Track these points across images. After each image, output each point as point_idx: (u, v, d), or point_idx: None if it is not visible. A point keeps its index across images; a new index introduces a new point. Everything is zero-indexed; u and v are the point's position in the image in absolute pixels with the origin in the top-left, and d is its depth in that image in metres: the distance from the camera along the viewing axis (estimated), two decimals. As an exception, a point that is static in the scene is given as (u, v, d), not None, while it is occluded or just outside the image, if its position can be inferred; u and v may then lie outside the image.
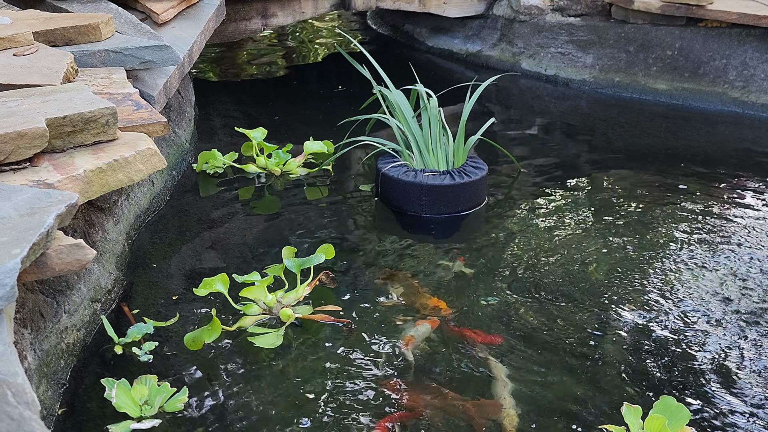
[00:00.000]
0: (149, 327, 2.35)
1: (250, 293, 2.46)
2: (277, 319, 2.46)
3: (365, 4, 5.34)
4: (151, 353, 2.27)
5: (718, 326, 2.49)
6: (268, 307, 2.47)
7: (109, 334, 2.28)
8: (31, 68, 2.58)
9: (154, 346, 2.29)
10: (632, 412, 1.99)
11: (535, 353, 2.34)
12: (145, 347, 2.28)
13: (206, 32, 3.91)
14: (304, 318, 2.47)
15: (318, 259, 2.63)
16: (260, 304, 2.48)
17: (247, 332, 2.38)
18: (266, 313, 2.48)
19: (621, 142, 4.34)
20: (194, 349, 2.28)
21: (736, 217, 3.30)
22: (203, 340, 2.28)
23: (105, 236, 2.62)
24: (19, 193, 1.80)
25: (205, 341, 2.29)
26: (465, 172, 3.27)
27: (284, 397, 2.12)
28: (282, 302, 2.50)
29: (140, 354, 2.26)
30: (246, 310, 2.47)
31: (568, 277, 2.78)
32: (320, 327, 2.45)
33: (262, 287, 2.47)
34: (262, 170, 3.63)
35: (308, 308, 2.51)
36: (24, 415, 1.18)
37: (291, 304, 2.51)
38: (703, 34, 4.91)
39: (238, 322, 2.42)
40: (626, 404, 2.01)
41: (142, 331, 2.33)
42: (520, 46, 5.51)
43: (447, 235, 3.14)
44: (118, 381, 2.05)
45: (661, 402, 1.98)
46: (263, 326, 2.43)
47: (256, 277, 2.54)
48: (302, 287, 2.57)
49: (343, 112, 4.15)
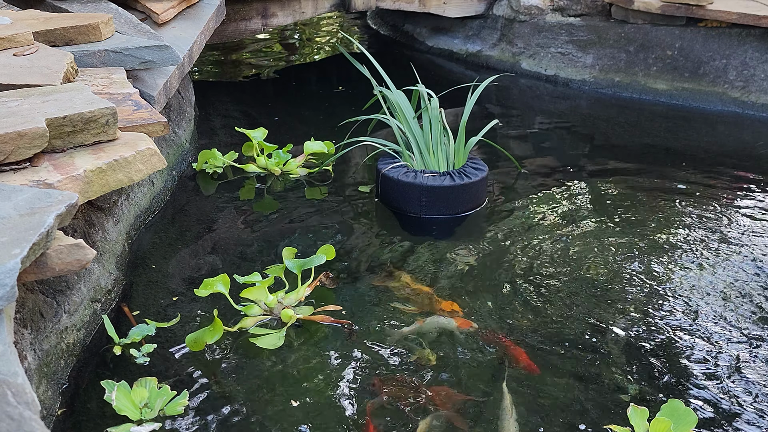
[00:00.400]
0: (151, 328, 2.35)
1: (251, 294, 2.46)
2: (278, 320, 2.46)
3: (365, 4, 5.34)
4: (152, 354, 2.27)
5: (720, 327, 2.49)
6: (269, 308, 2.47)
7: (110, 334, 2.28)
8: (31, 68, 2.58)
9: (153, 348, 2.29)
10: (638, 414, 1.98)
11: (536, 354, 2.33)
12: (143, 349, 2.28)
13: (206, 32, 3.91)
14: (305, 319, 2.47)
15: (319, 260, 2.62)
16: (261, 304, 2.47)
17: (249, 333, 2.38)
18: (267, 313, 2.47)
19: (621, 142, 4.33)
20: (196, 350, 2.28)
21: (736, 217, 3.30)
22: (205, 340, 2.28)
23: (105, 236, 2.62)
24: (19, 193, 1.80)
25: (207, 342, 2.28)
26: (465, 173, 3.26)
27: (285, 399, 2.12)
28: (283, 303, 2.50)
29: (137, 356, 2.25)
30: (247, 311, 2.46)
31: (569, 278, 2.78)
32: (321, 328, 2.45)
33: (263, 288, 2.46)
34: (262, 170, 3.63)
35: (309, 309, 2.51)
36: (24, 415, 1.18)
37: (292, 304, 2.50)
38: (703, 34, 4.91)
39: (239, 323, 2.42)
40: (633, 405, 2.01)
41: (143, 333, 2.32)
42: (520, 46, 5.51)
43: (446, 236, 3.13)
44: (119, 383, 2.04)
45: (668, 405, 1.97)
46: (264, 327, 2.43)
47: (257, 278, 2.54)
48: (303, 288, 2.57)
49: (343, 112, 4.16)
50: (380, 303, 2.59)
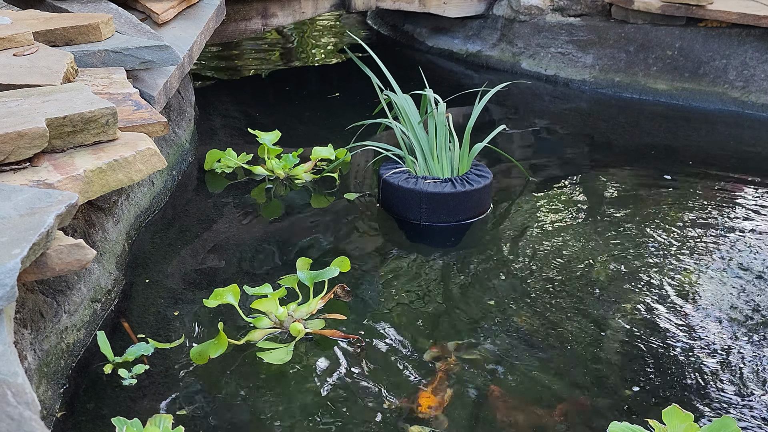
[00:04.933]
0: (149, 348, 2.27)
1: (261, 306, 2.38)
2: (287, 334, 2.38)
3: (365, 4, 5.34)
4: (150, 371, 2.18)
5: (721, 327, 2.49)
6: (280, 321, 2.40)
7: (103, 351, 2.20)
8: (31, 68, 2.58)
9: (144, 369, 2.19)
10: (677, 416, 1.91)
11: (541, 366, 2.33)
12: (134, 370, 2.18)
13: (206, 32, 3.91)
14: (315, 332, 2.38)
15: (332, 272, 2.55)
16: (271, 317, 2.40)
17: (256, 347, 2.31)
18: (277, 326, 2.40)
19: (621, 142, 4.33)
20: (199, 363, 2.22)
21: (737, 217, 3.30)
22: (209, 354, 2.21)
23: (105, 236, 2.62)
24: (19, 193, 1.80)
25: (211, 356, 2.21)
26: (468, 179, 3.19)
27: (290, 419, 2.06)
28: (294, 316, 2.42)
29: (126, 377, 2.16)
30: (256, 323, 2.38)
31: (574, 289, 2.77)
32: (331, 343, 2.36)
33: (273, 300, 2.39)
34: (269, 173, 3.62)
35: (320, 322, 2.42)
36: (24, 415, 1.18)
37: (303, 317, 2.42)
38: (703, 34, 4.91)
39: (246, 336, 2.34)
40: (674, 406, 1.94)
41: (139, 352, 2.24)
42: (520, 46, 5.51)
43: (445, 245, 3.06)
44: (131, 421, 1.93)
45: (720, 421, 1.90)
46: (273, 340, 2.35)
47: (268, 289, 2.47)
48: (315, 301, 2.49)
49: (344, 112, 4.16)
50: (390, 318, 2.52)
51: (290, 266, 2.79)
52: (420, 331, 2.45)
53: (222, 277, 2.74)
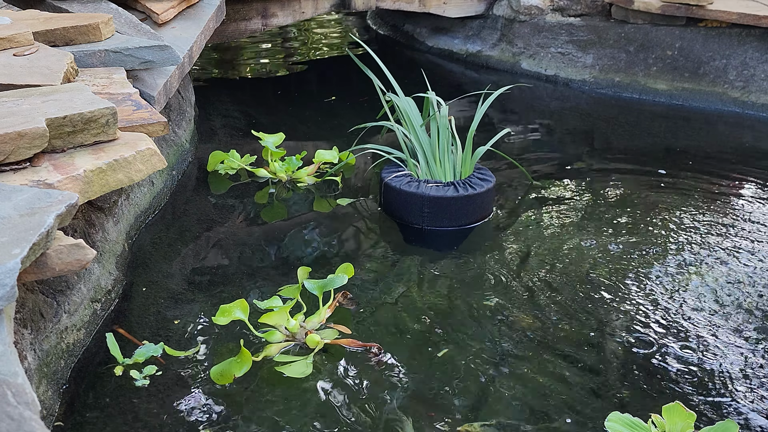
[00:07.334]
0: (158, 349, 2.24)
1: (272, 319, 2.32)
2: (301, 345, 2.33)
3: (365, 4, 5.34)
4: (154, 377, 2.15)
5: (721, 327, 2.49)
6: (292, 333, 2.35)
7: (113, 353, 2.19)
8: (31, 68, 2.58)
9: (155, 370, 2.17)
10: (678, 414, 1.88)
11: (541, 368, 2.33)
12: (145, 371, 2.16)
13: (206, 32, 3.91)
14: (333, 343, 2.34)
15: (341, 280, 2.50)
16: (282, 329, 2.35)
17: (274, 361, 2.25)
18: (290, 339, 2.35)
19: (621, 142, 4.33)
20: (223, 383, 2.13)
21: (737, 217, 3.30)
22: (233, 373, 2.13)
23: (105, 236, 2.62)
24: (19, 193, 1.80)
25: (236, 375, 2.13)
26: (470, 183, 3.14)
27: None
28: (305, 327, 2.37)
29: (138, 378, 2.13)
30: (268, 338, 2.33)
31: (577, 294, 2.77)
32: (344, 352, 2.32)
33: (284, 312, 2.33)
34: (272, 175, 3.61)
35: (333, 332, 2.37)
36: (24, 415, 1.18)
37: (315, 328, 2.38)
38: (703, 34, 4.91)
39: (263, 351, 2.27)
40: (677, 403, 1.91)
41: (149, 353, 2.22)
42: (520, 46, 5.51)
43: (448, 250, 3.02)
44: None
45: (723, 425, 1.88)
46: (287, 353, 2.29)
47: (277, 302, 2.43)
48: (324, 310, 2.43)
49: (345, 113, 4.15)
50: (398, 326, 2.49)
51: (290, 267, 2.79)
52: (427, 338, 2.43)
53: (222, 277, 2.74)
